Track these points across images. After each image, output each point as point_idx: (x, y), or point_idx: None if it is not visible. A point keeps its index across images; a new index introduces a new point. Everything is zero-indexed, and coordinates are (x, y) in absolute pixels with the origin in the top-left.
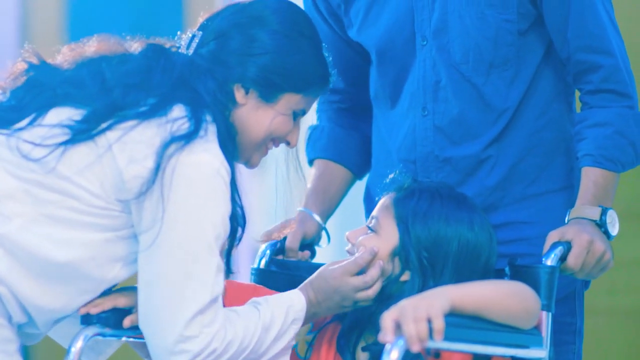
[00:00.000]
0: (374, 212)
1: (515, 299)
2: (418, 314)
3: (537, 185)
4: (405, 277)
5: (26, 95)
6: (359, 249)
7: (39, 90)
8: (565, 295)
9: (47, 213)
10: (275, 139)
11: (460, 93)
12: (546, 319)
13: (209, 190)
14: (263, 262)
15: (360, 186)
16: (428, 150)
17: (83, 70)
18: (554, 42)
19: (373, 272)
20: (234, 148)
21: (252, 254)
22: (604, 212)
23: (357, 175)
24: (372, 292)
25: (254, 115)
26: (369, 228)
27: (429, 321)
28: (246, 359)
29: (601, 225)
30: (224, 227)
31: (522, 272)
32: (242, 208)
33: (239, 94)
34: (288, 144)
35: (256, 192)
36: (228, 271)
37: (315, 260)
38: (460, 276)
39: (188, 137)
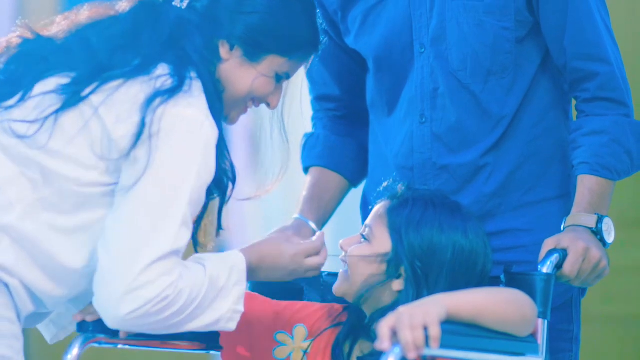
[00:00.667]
0: (368, 221)
1: (511, 307)
2: (414, 321)
3: (534, 193)
4: (399, 286)
5: (18, 69)
6: (349, 260)
7: (31, 63)
8: (563, 303)
9: (45, 197)
10: (255, 99)
11: (458, 100)
12: (542, 327)
13: (190, 144)
14: None
15: (356, 193)
16: (426, 158)
17: (72, 38)
18: (551, 49)
19: (320, 236)
20: (221, 104)
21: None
22: (600, 220)
23: (353, 183)
24: (321, 259)
25: (237, 72)
26: (363, 236)
27: (425, 328)
28: (192, 314)
29: (597, 232)
30: (203, 182)
31: (518, 280)
32: (231, 164)
33: (224, 50)
34: (268, 105)
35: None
36: (219, 227)
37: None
38: (456, 285)
39: (171, 92)
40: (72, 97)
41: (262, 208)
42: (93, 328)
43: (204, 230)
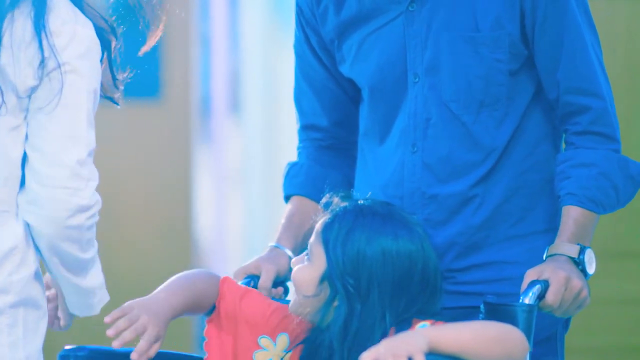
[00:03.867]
0: (311, 239)
1: (498, 345)
2: (397, 351)
3: (522, 226)
4: (337, 303)
5: None
6: (293, 280)
7: None
8: (548, 336)
9: None
10: None
11: (450, 131)
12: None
13: (86, 45)
14: None
15: None
16: (415, 187)
17: None
18: (543, 82)
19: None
20: None
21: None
22: (582, 251)
23: None
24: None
25: None
26: (307, 256)
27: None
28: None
29: (579, 263)
30: (96, 76)
31: (500, 311)
32: (104, 19)
33: None
34: None
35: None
36: (114, 79)
37: (289, 297)
38: (395, 293)
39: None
40: None
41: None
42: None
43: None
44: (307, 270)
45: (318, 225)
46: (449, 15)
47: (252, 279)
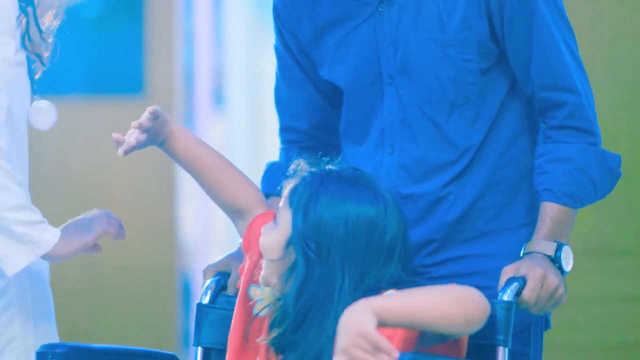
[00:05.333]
0: (279, 204)
1: (454, 307)
2: (354, 341)
3: (498, 222)
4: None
5: None
6: (260, 246)
7: None
8: (521, 329)
9: None
10: None
11: (423, 132)
12: (503, 354)
13: None
14: (207, 298)
15: None
16: (391, 187)
17: None
18: (518, 79)
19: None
20: None
21: None
22: (559, 248)
23: None
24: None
25: None
26: (274, 222)
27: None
28: None
29: (555, 260)
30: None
31: None
32: None
33: None
34: None
35: None
36: (40, 32)
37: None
38: (354, 256)
39: None
40: None
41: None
42: (52, 357)
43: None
44: (273, 234)
45: (286, 190)
46: (416, 16)
47: (222, 277)
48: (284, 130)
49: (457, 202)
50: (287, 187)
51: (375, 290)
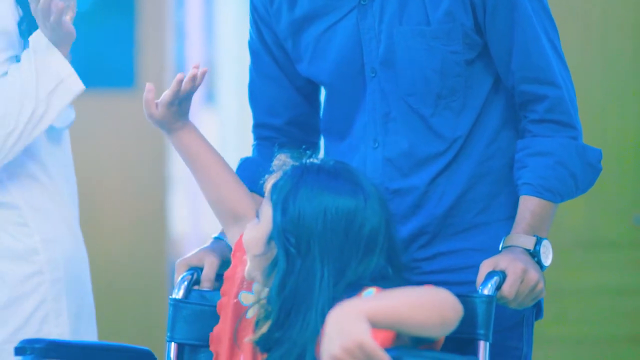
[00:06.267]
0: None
1: (433, 312)
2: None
3: (487, 213)
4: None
5: None
6: (243, 242)
7: None
8: (515, 322)
9: None
10: None
11: (409, 125)
12: (484, 349)
13: None
14: (181, 292)
15: None
16: (378, 182)
17: None
18: (499, 72)
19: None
20: None
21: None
22: (538, 242)
23: None
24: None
25: None
26: (257, 218)
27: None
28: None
29: (534, 254)
30: None
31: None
32: None
33: None
34: None
35: None
36: None
37: None
38: (333, 249)
39: None
40: None
41: None
42: (31, 352)
43: None
44: (255, 229)
45: (268, 185)
46: (400, 8)
47: (195, 271)
48: (258, 127)
49: (446, 195)
50: (270, 182)
51: (356, 285)
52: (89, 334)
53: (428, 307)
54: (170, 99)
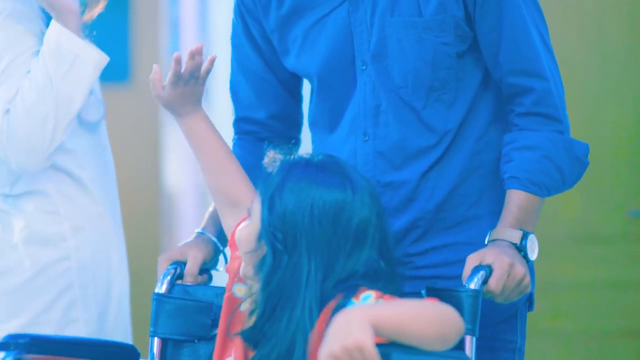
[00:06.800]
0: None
1: (433, 326)
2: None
3: (478, 207)
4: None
5: None
6: (236, 240)
7: None
8: (509, 315)
9: None
10: None
11: (400, 117)
12: (470, 343)
13: None
14: (164, 287)
15: None
16: (369, 176)
17: None
18: (487, 64)
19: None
20: None
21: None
22: (524, 236)
23: None
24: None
25: None
26: (249, 213)
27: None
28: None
29: (521, 249)
30: None
31: (444, 296)
32: None
33: None
34: None
35: None
36: None
37: (213, 284)
38: (321, 243)
39: None
40: None
41: None
42: (14, 347)
43: None
44: (246, 226)
45: (260, 181)
46: (392, 1)
47: (178, 265)
48: (239, 121)
49: (438, 189)
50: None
51: (350, 283)
52: (119, 327)
53: (431, 322)
54: (174, 78)
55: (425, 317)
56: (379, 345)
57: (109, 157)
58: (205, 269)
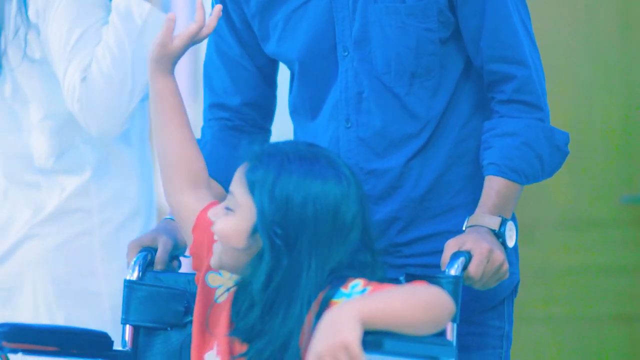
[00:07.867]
0: (230, 188)
1: (427, 313)
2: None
3: (463, 195)
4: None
5: None
6: (217, 233)
7: None
8: (496, 303)
9: None
10: None
11: (383, 104)
12: (452, 330)
13: None
14: (135, 274)
15: None
16: (352, 163)
17: None
18: (469, 50)
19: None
20: None
21: None
22: (503, 223)
23: None
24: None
25: None
26: (227, 208)
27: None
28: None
29: (499, 235)
30: None
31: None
32: None
33: None
34: None
35: None
36: None
37: (181, 271)
38: (321, 239)
39: None
40: None
41: None
42: None
43: None
44: (234, 220)
45: (239, 174)
46: None
47: (149, 252)
48: (212, 107)
49: (423, 177)
50: (241, 170)
51: (338, 274)
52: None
53: (423, 308)
54: (195, 31)
55: (418, 304)
56: (370, 332)
57: (146, 139)
58: (175, 256)
